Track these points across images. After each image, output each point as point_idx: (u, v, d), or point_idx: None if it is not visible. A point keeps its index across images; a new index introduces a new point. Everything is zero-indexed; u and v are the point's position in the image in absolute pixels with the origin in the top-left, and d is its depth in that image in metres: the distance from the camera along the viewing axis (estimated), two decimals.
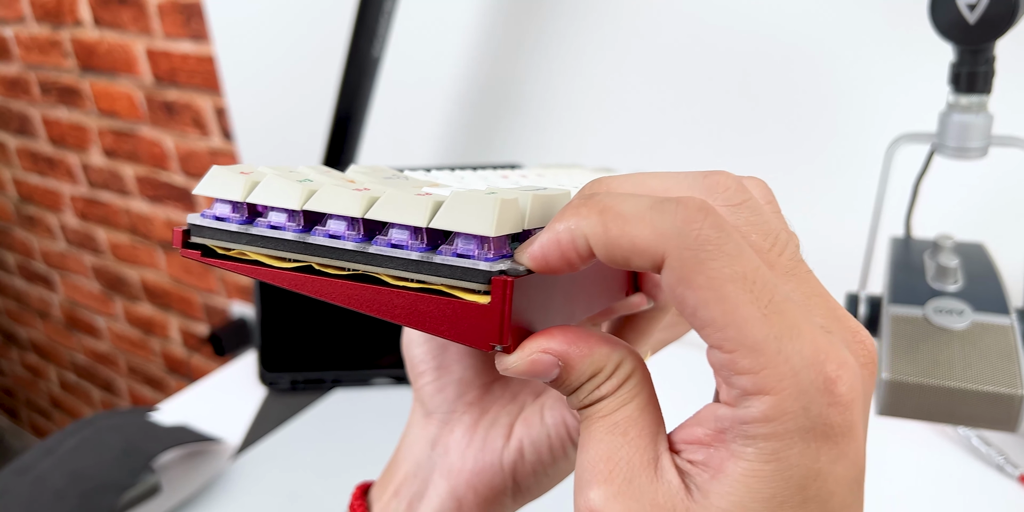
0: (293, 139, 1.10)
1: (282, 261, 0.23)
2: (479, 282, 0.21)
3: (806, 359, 0.18)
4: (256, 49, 1.06)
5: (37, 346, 2.03)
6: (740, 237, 0.19)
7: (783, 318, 0.18)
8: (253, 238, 0.24)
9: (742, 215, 0.21)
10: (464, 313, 0.21)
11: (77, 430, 0.71)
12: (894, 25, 0.66)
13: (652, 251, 0.19)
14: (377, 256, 0.22)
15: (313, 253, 0.23)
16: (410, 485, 0.33)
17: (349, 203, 0.22)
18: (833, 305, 0.21)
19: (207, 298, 1.45)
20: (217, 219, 0.24)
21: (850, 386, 0.19)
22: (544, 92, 0.85)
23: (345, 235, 0.22)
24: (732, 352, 0.18)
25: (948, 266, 0.52)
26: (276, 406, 0.82)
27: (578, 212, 0.20)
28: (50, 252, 1.74)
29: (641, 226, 0.19)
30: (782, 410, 0.18)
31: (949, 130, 0.50)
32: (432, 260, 0.21)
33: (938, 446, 0.71)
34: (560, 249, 0.20)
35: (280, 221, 0.23)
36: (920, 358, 0.47)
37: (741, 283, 0.18)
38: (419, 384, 0.34)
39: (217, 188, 0.24)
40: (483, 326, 0.21)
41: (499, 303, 0.21)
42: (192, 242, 0.25)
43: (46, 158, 1.55)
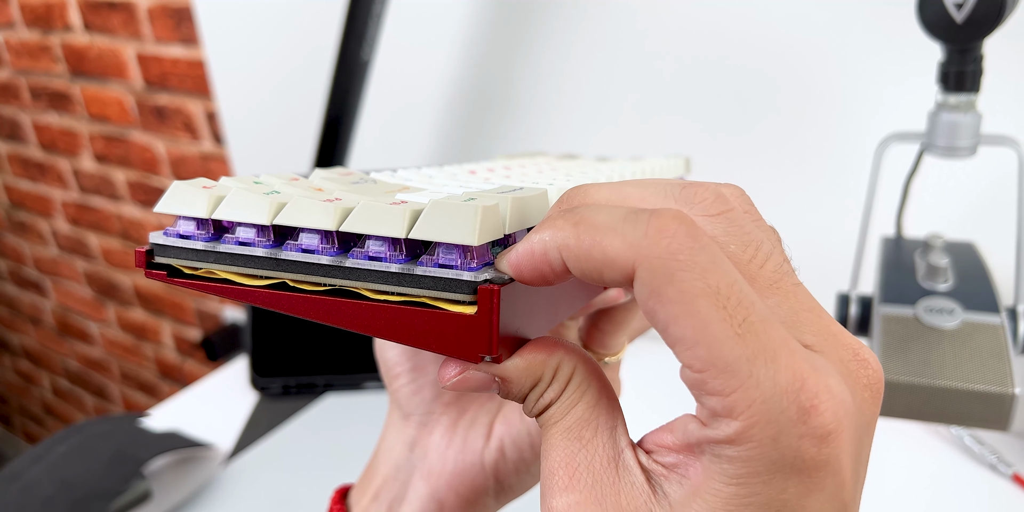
0: (284, 143, 1.09)
1: (253, 278, 0.22)
2: (464, 292, 0.20)
3: (780, 386, 0.17)
4: (246, 53, 1.05)
5: (29, 352, 2.02)
6: (717, 248, 0.18)
7: (758, 339, 0.17)
8: (221, 256, 0.22)
9: (720, 226, 0.19)
10: (450, 325, 0.20)
11: (66, 437, 0.70)
12: (883, 25, 0.66)
13: (623, 262, 0.18)
14: (355, 270, 0.21)
15: (286, 269, 0.22)
16: (390, 488, 0.33)
17: (321, 216, 0.21)
18: (827, 321, 0.20)
19: (199, 303, 1.45)
20: (181, 237, 0.23)
21: (830, 417, 0.17)
22: (534, 94, 0.85)
23: (319, 249, 0.21)
24: (702, 372, 0.18)
25: (939, 265, 0.52)
26: (268, 411, 0.82)
27: (554, 224, 0.19)
28: (42, 258, 1.73)
29: (612, 236, 0.18)
30: (749, 437, 0.17)
31: (938, 129, 0.50)
32: (413, 272, 0.21)
33: (931, 445, 0.70)
34: (533, 262, 0.20)
35: (248, 237, 0.22)
36: (911, 357, 0.47)
37: (714, 298, 0.17)
38: (395, 386, 0.34)
39: (180, 205, 0.22)
40: (470, 337, 0.20)
41: (486, 313, 0.20)
42: (156, 262, 0.23)
43: (37, 164, 1.55)
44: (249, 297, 0.22)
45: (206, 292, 0.23)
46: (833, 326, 0.20)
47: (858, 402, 0.19)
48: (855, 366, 0.19)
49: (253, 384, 0.84)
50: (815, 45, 0.69)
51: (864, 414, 0.19)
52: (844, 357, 0.19)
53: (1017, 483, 0.65)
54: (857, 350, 0.19)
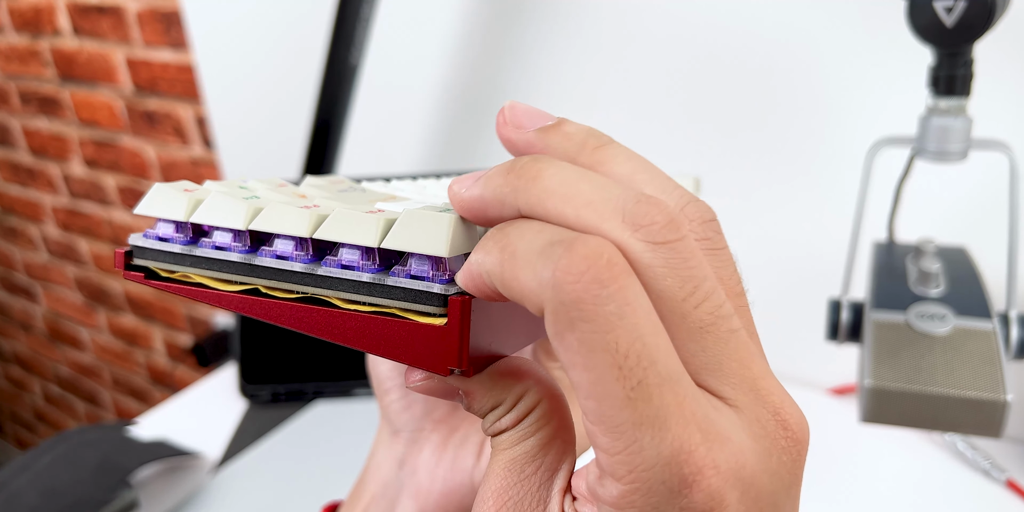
0: (274, 147, 1.09)
1: (228, 284, 0.22)
2: (434, 305, 0.20)
3: (663, 457, 0.16)
4: (236, 57, 1.05)
5: (20, 359, 2.01)
6: (632, 295, 0.16)
7: (649, 405, 0.16)
8: (197, 260, 0.22)
9: (662, 255, 0.17)
10: (419, 336, 0.20)
11: (52, 446, 0.70)
12: (873, 29, 0.65)
13: (534, 300, 0.17)
14: (327, 278, 0.21)
15: (259, 275, 0.22)
16: (377, 506, 0.33)
17: (296, 222, 0.21)
18: (755, 373, 0.18)
19: (190, 309, 1.44)
20: (160, 239, 0.23)
21: (712, 493, 0.16)
22: (526, 97, 0.84)
23: (293, 256, 0.21)
24: (593, 425, 0.17)
25: (930, 270, 0.51)
26: (257, 418, 0.81)
27: (484, 245, 0.19)
28: (32, 264, 1.72)
29: (526, 271, 0.17)
30: (630, 502, 0.17)
31: (929, 133, 0.50)
32: (384, 282, 0.20)
33: (924, 451, 0.70)
34: (473, 284, 0.19)
35: (225, 241, 0.22)
36: (902, 364, 0.47)
37: (611, 355, 0.16)
38: (385, 402, 0.33)
39: (159, 207, 0.22)
40: (440, 349, 0.20)
41: (456, 325, 0.19)
42: (135, 264, 0.24)
43: (26, 169, 1.54)
44: (222, 302, 0.22)
45: (181, 295, 0.23)
46: (761, 380, 0.18)
47: (772, 467, 0.18)
48: (773, 427, 0.18)
49: (242, 391, 0.83)
50: (805, 50, 0.68)
51: (779, 479, 0.18)
52: (762, 417, 0.18)
53: (1011, 489, 0.65)
54: (779, 410, 0.18)
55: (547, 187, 0.19)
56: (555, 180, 0.19)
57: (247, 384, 0.83)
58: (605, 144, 0.21)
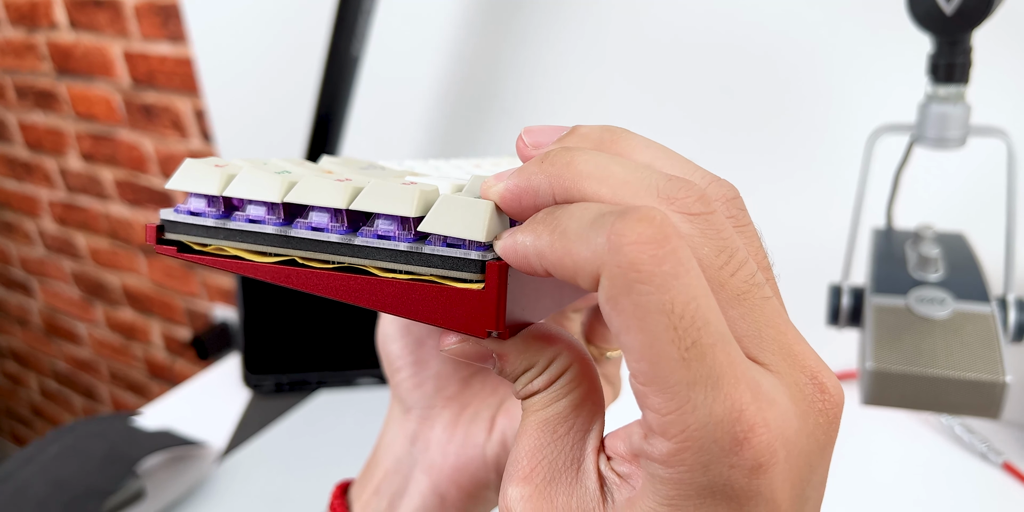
0: (273, 140, 1.09)
1: (262, 255, 0.23)
2: (472, 271, 0.21)
3: (715, 415, 0.17)
4: (235, 50, 1.05)
5: (16, 354, 2.00)
6: (684, 256, 0.17)
7: (703, 365, 0.17)
8: (231, 233, 0.23)
9: (698, 226, 0.18)
10: (458, 300, 0.21)
11: (58, 437, 0.70)
12: (872, 18, 0.66)
13: (590, 271, 0.17)
14: (364, 248, 0.22)
15: (295, 247, 0.22)
16: (390, 483, 0.33)
17: (333, 194, 0.21)
18: (790, 339, 0.19)
19: (189, 302, 1.44)
20: (192, 214, 0.23)
21: (763, 450, 0.17)
22: (526, 90, 0.85)
23: (328, 227, 0.22)
24: (644, 386, 0.17)
25: (929, 256, 0.52)
26: (260, 408, 0.81)
27: (535, 230, 0.19)
28: (28, 258, 1.72)
29: (580, 245, 0.18)
30: (680, 460, 0.17)
31: (928, 120, 0.50)
32: (421, 251, 0.21)
33: (922, 435, 0.71)
34: (517, 261, 0.20)
35: (259, 214, 0.22)
36: (903, 347, 0.47)
37: (667, 317, 0.16)
38: (396, 380, 0.34)
39: (191, 182, 0.23)
40: (478, 313, 0.21)
41: (494, 289, 0.20)
42: (167, 238, 0.24)
43: (23, 163, 1.54)
44: (258, 272, 0.23)
45: (215, 267, 0.23)
46: (796, 345, 0.19)
47: (808, 428, 0.18)
48: (811, 390, 0.19)
49: (245, 381, 0.83)
50: (805, 39, 0.69)
51: (815, 440, 0.18)
52: (800, 381, 0.19)
53: (1007, 471, 0.66)
54: (816, 374, 0.19)
55: (581, 171, 0.20)
56: (588, 165, 0.20)
57: (250, 374, 0.83)
58: (621, 136, 0.22)
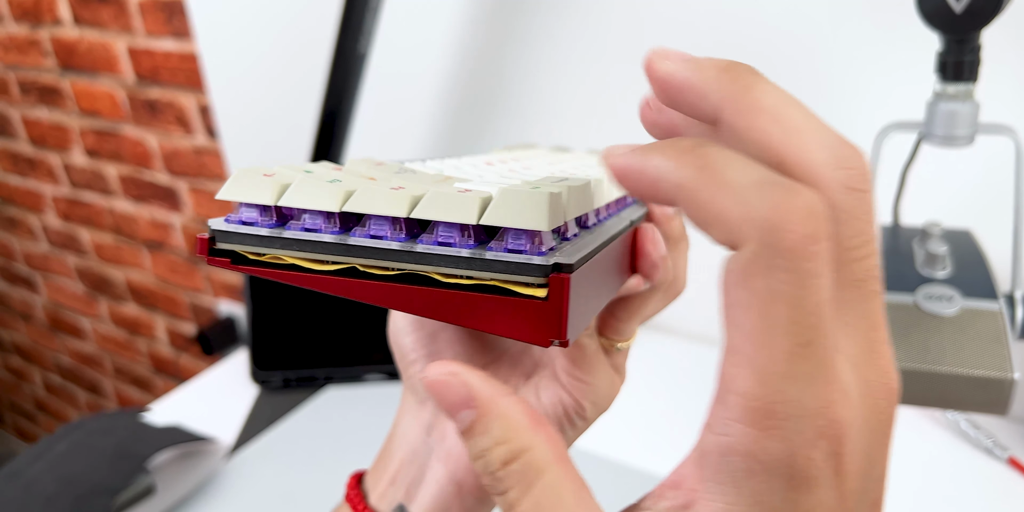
0: (278, 136, 1.09)
1: (321, 264, 0.23)
2: (535, 276, 0.21)
3: (806, 409, 0.17)
4: (240, 46, 1.05)
5: (20, 349, 2.01)
6: (828, 259, 0.17)
7: (807, 363, 0.17)
8: (287, 242, 0.23)
9: (854, 202, 0.18)
10: (522, 310, 0.21)
11: (67, 434, 0.70)
12: (880, 15, 0.66)
13: (732, 230, 0.17)
14: (426, 255, 0.22)
15: (355, 255, 0.22)
16: (407, 472, 0.33)
17: (393, 203, 0.21)
18: (877, 337, 0.19)
19: (193, 297, 1.44)
20: (244, 224, 0.23)
21: (836, 445, 0.18)
22: (530, 86, 0.85)
23: (388, 235, 0.22)
24: (740, 368, 0.17)
25: (937, 253, 0.52)
26: (269, 404, 0.82)
27: (680, 157, 0.18)
28: (32, 254, 1.72)
29: (735, 201, 0.17)
30: (763, 448, 0.17)
31: (936, 118, 0.50)
32: (484, 256, 0.21)
33: (927, 430, 0.71)
34: (638, 180, 0.19)
35: (315, 224, 0.22)
36: (911, 344, 0.48)
37: (793, 311, 0.17)
38: (411, 372, 0.34)
39: (244, 192, 0.22)
40: (541, 322, 0.21)
41: (557, 298, 0.20)
42: (219, 249, 0.23)
43: (27, 159, 1.54)
44: (317, 283, 0.23)
45: (271, 278, 0.23)
46: (879, 344, 0.19)
47: (872, 424, 0.19)
48: (878, 388, 0.19)
49: (253, 377, 0.84)
50: (813, 36, 0.69)
51: (876, 436, 0.19)
52: (872, 379, 0.19)
53: (1013, 466, 0.66)
54: (886, 372, 0.19)
55: (759, 100, 0.19)
56: (768, 97, 0.19)
57: (258, 370, 0.83)
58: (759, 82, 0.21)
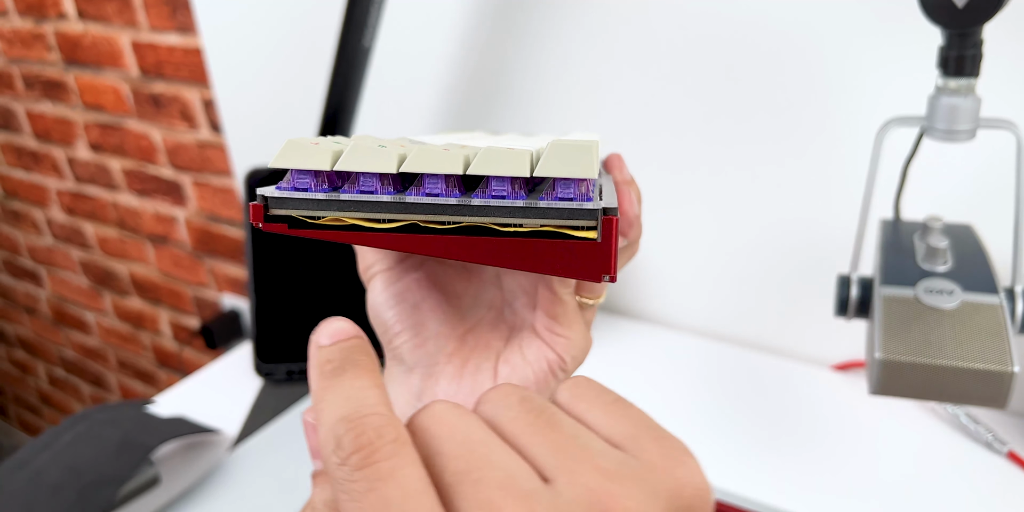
0: (282, 130, 1.09)
1: (379, 223, 0.24)
2: (588, 220, 0.23)
3: None
4: (244, 40, 1.05)
5: (24, 342, 2.01)
6: None
7: None
8: (344, 204, 0.24)
9: None
10: (576, 251, 0.23)
11: (73, 424, 0.71)
12: (882, 9, 0.66)
13: None
14: (483, 207, 0.23)
15: (414, 211, 0.24)
16: None
17: (449, 162, 0.23)
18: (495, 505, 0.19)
19: (197, 291, 1.45)
20: (296, 190, 0.24)
21: None
22: (533, 82, 0.85)
23: (443, 192, 0.23)
24: None
25: (938, 247, 0.52)
26: (272, 397, 0.82)
27: None
28: (36, 247, 1.73)
29: None
30: None
31: (938, 113, 0.51)
32: (538, 205, 0.23)
33: (927, 424, 0.72)
34: None
35: (371, 185, 0.24)
36: (912, 337, 0.48)
37: None
38: (396, 344, 0.35)
39: (300, 159, 0.24)
40: (595, 260, 0.23)
41: (609, 238, 0.23)
42: (274, 215, 0.25)
43: (31, 153, 1.54)
44: (379, 240, 0.24)
45: (330, 239, 0.24)
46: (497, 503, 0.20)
47: None
48: None
49: (257, 370, 0.84)
50: (815, 31, 0.69)
51: None
52: None
53: (1012, 460, 0.67)
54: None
55: None
56: None
57: (262, 363, 0.84)
58: None
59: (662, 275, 0.89)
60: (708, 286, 0.87)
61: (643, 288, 0.92)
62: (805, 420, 0.73)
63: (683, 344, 0.88)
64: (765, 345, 0.86)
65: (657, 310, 0.92)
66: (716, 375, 0.81)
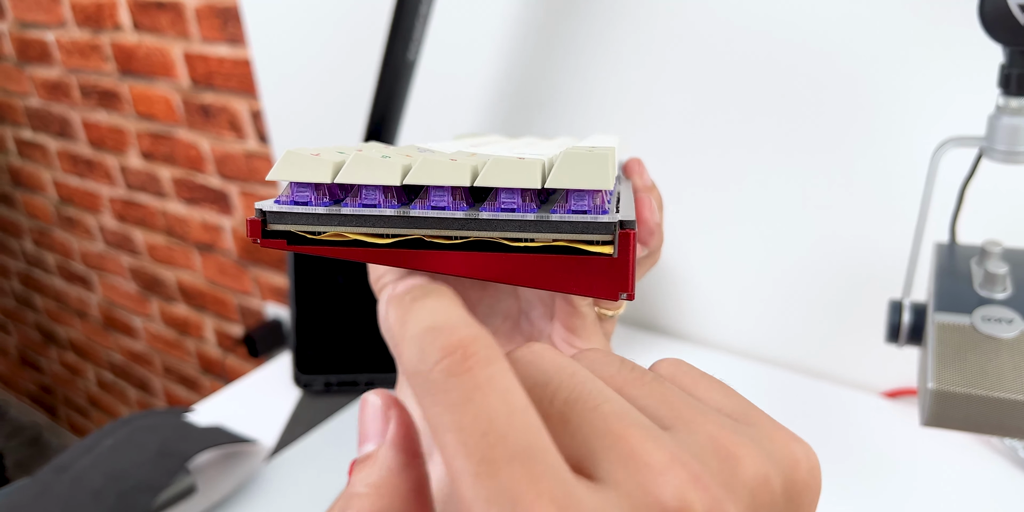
0: (328, 141, 1.10)
1: (382, 238, 0.23)
2: (603, 233, 0.21)
3: None
4: (292, 52, 1.06)
5: (75, 345, 2.06)
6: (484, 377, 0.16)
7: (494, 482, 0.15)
8: (346, 218, 0.23)
9: None
10: (591, 267, 0.22)
11: (114, 430, 0.72)
12: (940, 27, 0.64)
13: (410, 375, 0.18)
14: (491, 221, 0.22)
15: (420, 226, 0.22)
16: None
17: (455, 173, 0.22)
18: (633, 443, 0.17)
19: (242, 299, 1.47)
20: (297, 204, 0.23)
21: None
22: (579, 95, 0.85)
23: (450, 205, 0.22)
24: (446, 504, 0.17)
25: (996, 273, 0.50)
26: (310, 408, 0.82)
27: None
28: (89, 253, 1.76)
29: None
30: None
31: (998, 133, 0.49)
32: (550, 218, 0.22)
33: (983, 456, 0.69)
34: None
35: (373, 198, 0.22)
36: (967, 367, 0.46)
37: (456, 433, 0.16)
38: None
39: (299, 171, 0.22)
40: (611, 277, 0.22)
41: (626, 253, 0.21)
42: (272, 231, 0.23)
43: (85, 160, 1.58)
44: (382, 257, 0.23)
45: (331, 255, 0.23)
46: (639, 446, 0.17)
47: None
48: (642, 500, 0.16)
49: (296, 381, 0.84)
50: (871, 48, 0.68)
51: None
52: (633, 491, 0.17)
53: None
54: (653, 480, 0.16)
55: None
56: None
57: (301, 374, 0.84)
58: None
59: (706, 294, 0.88)
60: (754, 307, 0.85)
61: (687, 307, 0.90)
62: (853, 449, 0.71)
63: (727, 365, 0.86)
64: (812, 369, 0.84)
65: (701, 330, 0.90)
66: (760, 398, 0.78)
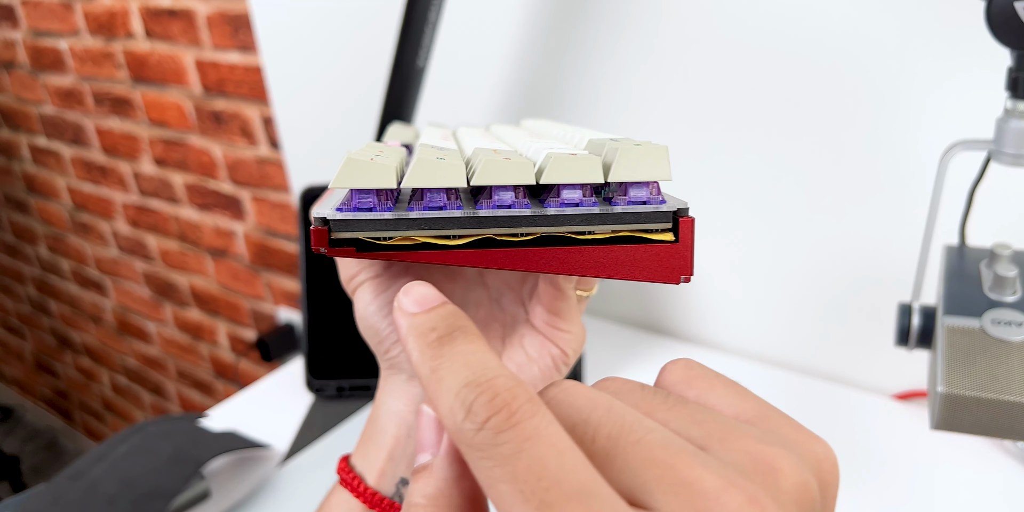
0: (339, 147, 1.11)
1: (450, 239, 0.23)
2: (664, 222, 0.23)
3: None
4: (302, 59, 1.07)
5: (90, 350, 2.07)
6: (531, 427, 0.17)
7: None
8: (415, 222, 0.23)
9: None
10: (654, 254, 0.23)
11: (128, 436, 0.72)
12: (947, 29, 0.64)
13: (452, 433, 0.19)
14: (558, 216, 0.23)
15: (488, 225, 0.23)
16: (405, 447, 0.34)
17: (519, 173, 0.22)
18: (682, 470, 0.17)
19: (254, 304, 1.47)
20: (360, 210, 0.23)
21: None
22: (588, 99, 0.85)
23: (515, 203, 0.23)
24: None
25: (1006, 276, 0.50)
26: (322, 413, 0.83)
27: None
28: (103, 258, 1.78)
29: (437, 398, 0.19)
30: None
31: (1006, 137, 0.49)
32: (613, 211, 0.23)
33: (994, 459, 0.69)
34: None
35: (438, 201, 0.23)
36: (977, 371, 0.46)
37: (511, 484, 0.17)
38: (393, 352, 0.34)
39: (363, 178, 0.22)
40: (673, 262, 0.23)
41: (688, 239, 0.23)
42: (338, 239, 0.23)
43: (99, 167, 1.59)
44: (452, 258, 0.23)
45: (402, 259, 0.23)
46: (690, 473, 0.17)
47: None
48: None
49: (308, 386, 0.85)
50: (879, 50, 0.67)
51: None
52: None
53: None
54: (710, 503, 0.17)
55: None
56: None
57: (313, 379, 0.84)
58: None
59: (716, 297, 0.88)
60: (764, 309, 0.85)
61: (696, 310, 0.90)
62: (863, 451, 0.70)
63: (737, 368, 0.86)
64: (822, 371, 0.84)
65: (711, 333, 0.90)
66: (771, 401, 0.78)
